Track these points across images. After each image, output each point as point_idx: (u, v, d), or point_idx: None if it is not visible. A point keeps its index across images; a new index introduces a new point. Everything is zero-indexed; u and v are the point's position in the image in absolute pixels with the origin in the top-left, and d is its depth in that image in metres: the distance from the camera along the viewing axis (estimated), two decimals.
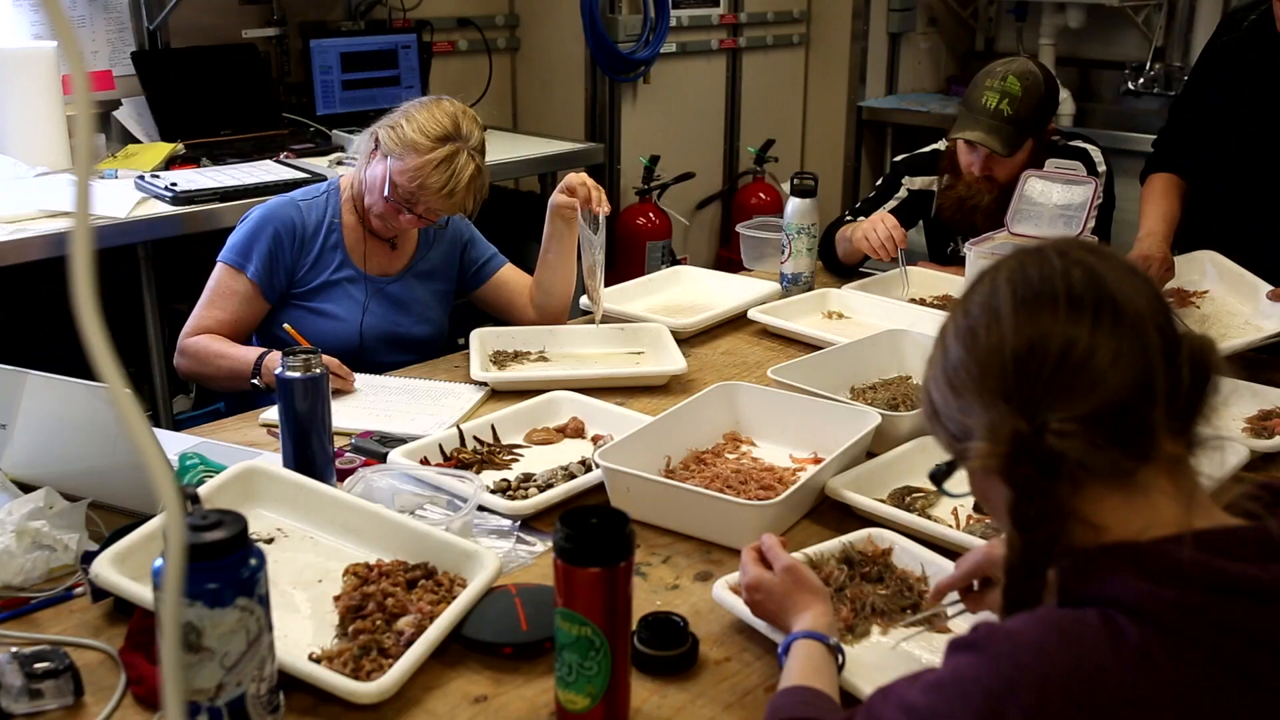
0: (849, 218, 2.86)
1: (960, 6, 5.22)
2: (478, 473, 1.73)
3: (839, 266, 2.80)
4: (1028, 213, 2.35)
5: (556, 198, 2.29)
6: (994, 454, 0.92)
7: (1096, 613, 0.88)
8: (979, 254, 2.31)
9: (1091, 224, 2.52)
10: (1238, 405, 1.96)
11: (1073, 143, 2.75)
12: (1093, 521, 0.92)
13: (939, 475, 1.02)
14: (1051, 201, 2.32)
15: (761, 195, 4.71)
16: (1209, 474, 1.63)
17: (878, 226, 2.56)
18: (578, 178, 2.27)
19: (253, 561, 1.09)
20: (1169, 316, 0.93)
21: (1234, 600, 0.85)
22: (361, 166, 2.27)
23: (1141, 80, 4.72)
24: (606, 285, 2.42)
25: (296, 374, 1.59)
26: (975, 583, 1.26)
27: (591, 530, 1.14)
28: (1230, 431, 1.86)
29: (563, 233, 2.33)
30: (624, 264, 4.25)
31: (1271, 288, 2.22)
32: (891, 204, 2.85)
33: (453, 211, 2.24)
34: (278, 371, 1.61)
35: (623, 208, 4.37)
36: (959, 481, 1.03)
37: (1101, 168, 2.69)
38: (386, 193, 2.17)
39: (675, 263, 4.17)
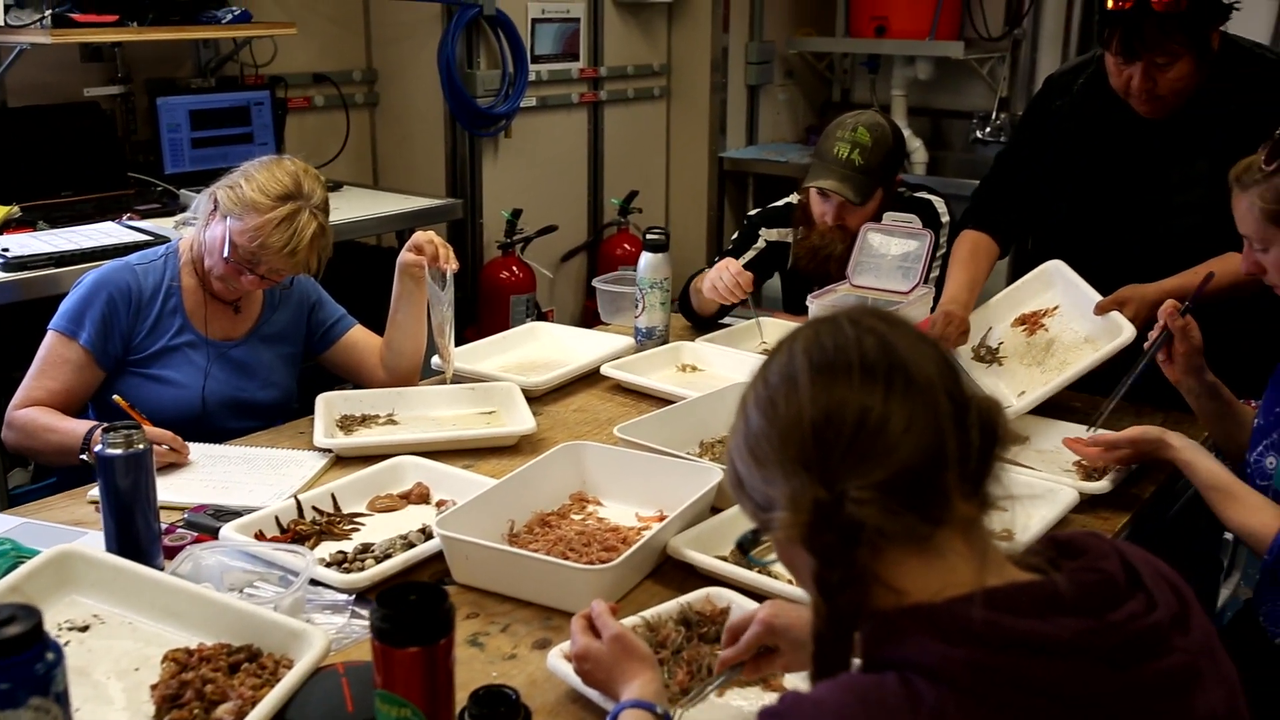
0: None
1: (816, 60, 5.37)
2: (315, 545, 1.69)
3: (700, 319, 2.83)
4: (868, 264, 2.40)
5: (404, 256, 2.28)
6: (797, 523, 0.92)
7: (896, 676, 0.89)
8: (821, 306, 2.35)
9: (936, 273, 2.59)
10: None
11: (918, 194, 2.81)
12: (893, 585, 0.93)
13: (746, 544, 1.03)
14: (890, 253, 2.38)
15: (626, 246, 4.74)
16: (1041, 517, 1.69)
17: (723, 274, 2.59)
18: (424, 235, 2.26)
19: (49, 656, 1.04)
20: (958, 381, 0.96)
21: (1021, 656, 0.87)
22: (201, 228, 2.21)
23: (989, 129, 4.92)
24: (461, 343, 2.40)
25: (117, 451, 1.53)
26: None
27: (409, 608, 1.12)
28: (1059, 473, 1.93)
29: (411, 291, 2.31)
30: (488, 318, 4.22)
31: (1100, 299, 2.19)
32: (750, 254, 2.90)
33: (296, 271, 2.20)
34: (96, 449, 1.55)
35: (486, 262, 4.35)
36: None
37: (945, 218, 2.76)
38: (226, 254, 2.13)
39: (541, 316, 4.16)
